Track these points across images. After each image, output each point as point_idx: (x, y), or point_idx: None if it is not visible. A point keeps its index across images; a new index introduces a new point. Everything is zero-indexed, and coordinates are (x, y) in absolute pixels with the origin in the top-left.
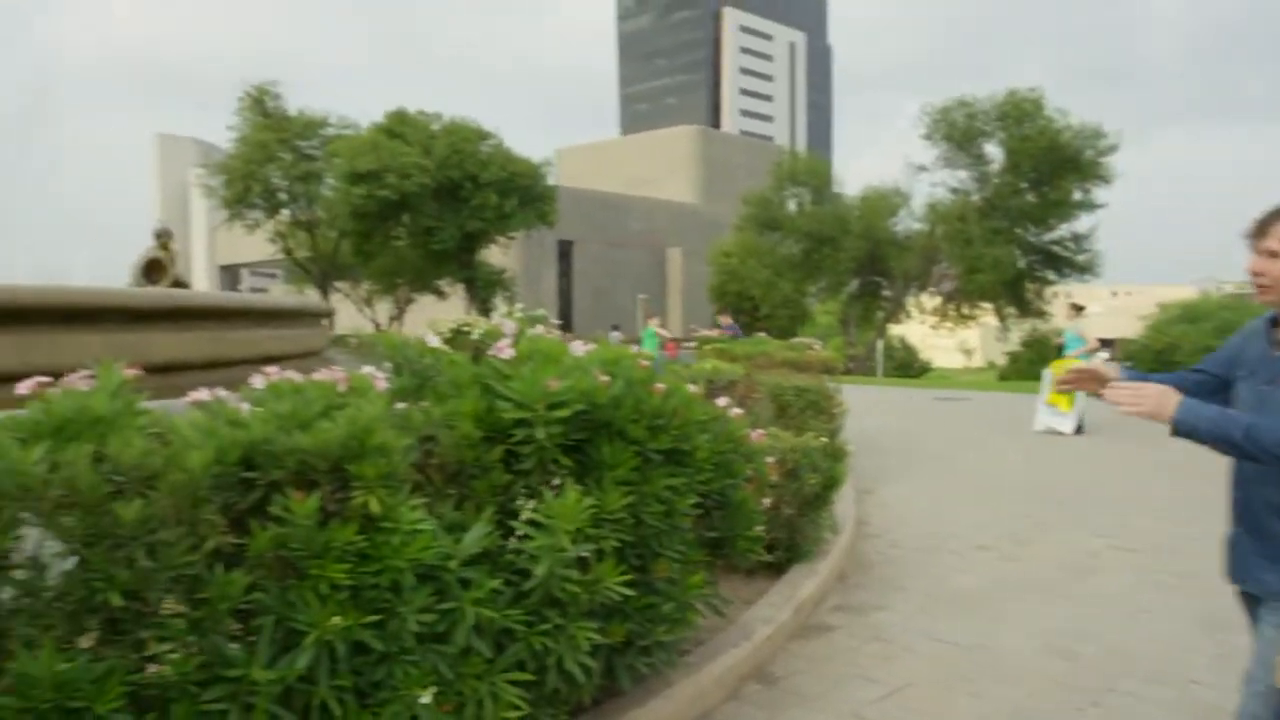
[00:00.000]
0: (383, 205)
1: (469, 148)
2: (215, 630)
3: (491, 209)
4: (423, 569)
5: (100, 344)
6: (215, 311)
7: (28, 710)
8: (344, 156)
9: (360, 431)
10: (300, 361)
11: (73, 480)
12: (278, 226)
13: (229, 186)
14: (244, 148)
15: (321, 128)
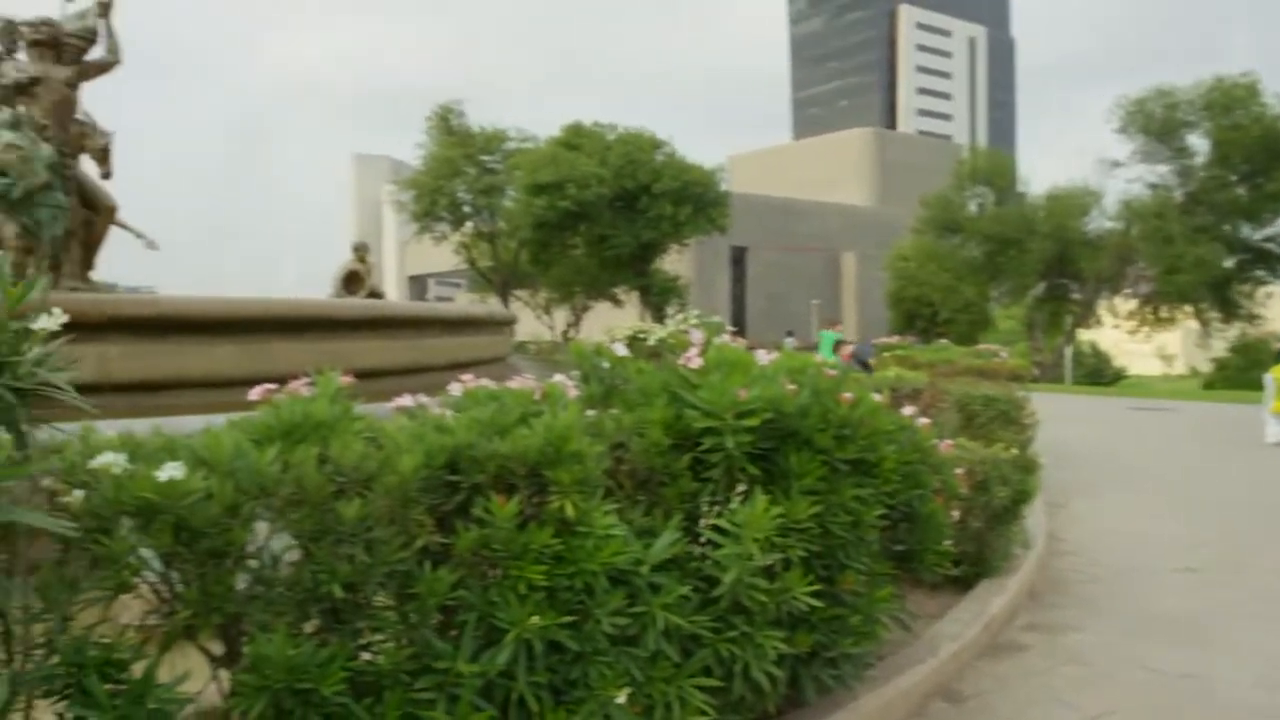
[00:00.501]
0: (562, 215)
1: (643, 157)
2: (424, 624)
3: (666, 217)
4: (615, 573)
5: (310, 352)
6: (411, 321)
7: (263, 688)
8: (525, 169)
9: (556, 438)
10: (487, 367)
11: (301, 480)
12: (462, 238)
13: (418, 201)
14: (432, 164)
15: (502, 142)
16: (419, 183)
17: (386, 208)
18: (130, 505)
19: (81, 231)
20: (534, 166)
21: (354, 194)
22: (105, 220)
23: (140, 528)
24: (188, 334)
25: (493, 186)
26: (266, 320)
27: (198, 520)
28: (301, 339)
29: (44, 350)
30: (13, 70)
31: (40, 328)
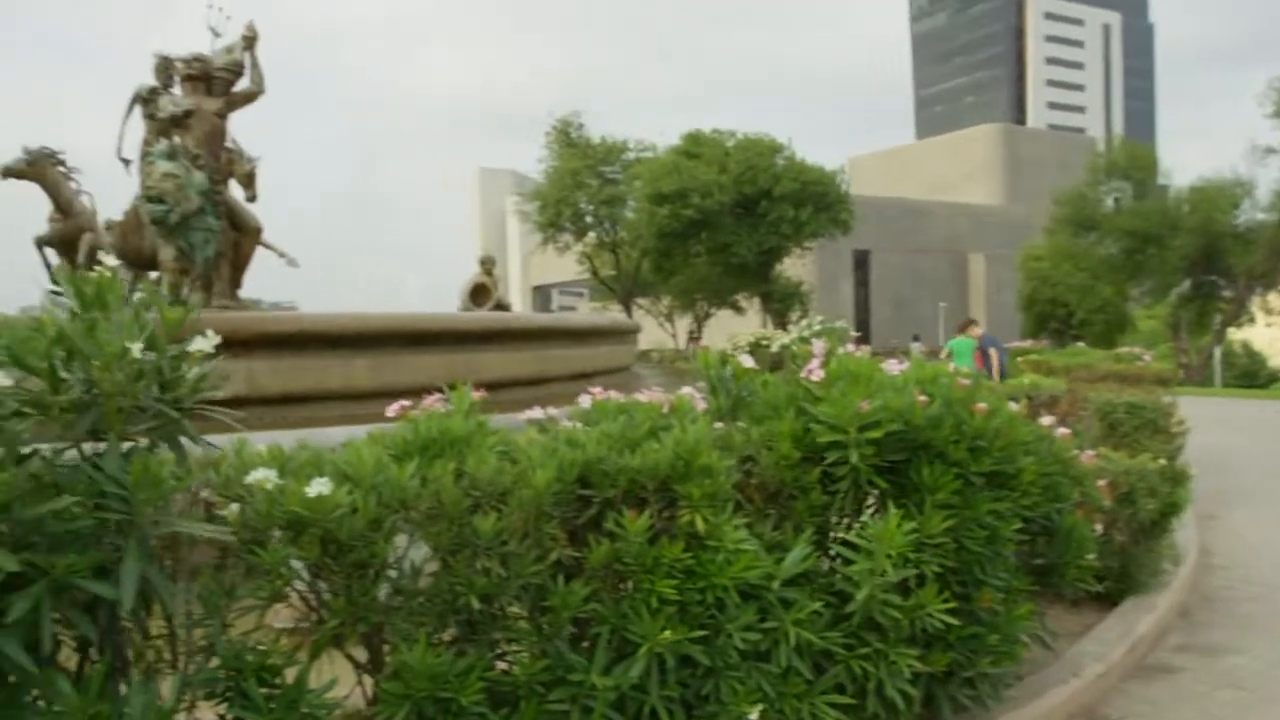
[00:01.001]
0: (685, 224)
1: (763, 162)
2: (558, 636)
3: (787, 220)
4: (746, 588)
5: (439, 364)
6: (537, 332)
7: (407, 696)
8: (646, 179)
9: (686, 452)
10: (611, 377)
11: (440, 494)
12: (584, 248)
13: (542, 213)
14: (554, 176)
15: (621, 153)
16: (543, 194)
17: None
18: (282, 518)
19: (230, 252)
20: (655, 176)
21: (479, 207)
22: (252, 241)
23: (291, 540)
24: (327, 349)
25: (614, 197)
26: (399, 334)
27: (344, 533)
28: (431, 352)
29: (201, 370)
30: (169, 104)
31: (197, 349)
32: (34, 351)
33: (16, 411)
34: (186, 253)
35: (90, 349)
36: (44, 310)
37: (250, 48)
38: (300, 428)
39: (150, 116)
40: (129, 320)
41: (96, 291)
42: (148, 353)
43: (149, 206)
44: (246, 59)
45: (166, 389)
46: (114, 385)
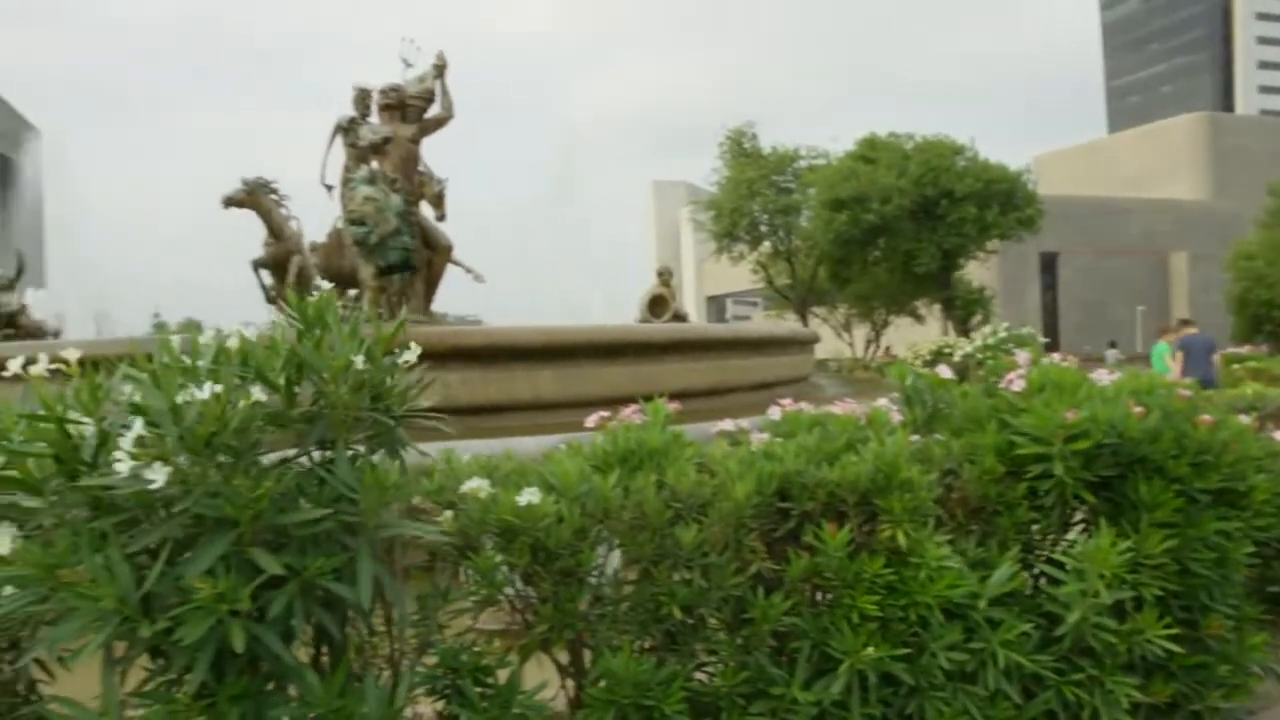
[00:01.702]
0: (863, 231)
1: (944, 164)
2: (758, 648)
3: (971, 222)
4: (950, 606)
5: (623, 375)
6: (716, 343)
7: (611, 702)
8: (822, 185)
9: (886, 466)
10: (790, 387)
11: (642, 505)
12: (759, 257)
13: (716, 223)
14: (728, 186)
15: (794, 161)
16: (717, 205)
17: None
18: (494, 526)
19: (424, 269)
20: (831, 182)
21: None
22: (443, 258)
23: (502, 547)
24: (515, 361)
25: (789, 206)
26: (584, 346)
27: (551, 541)
28: (615, 363)
29: (410, 380)
30: (368, 132)
31: (405, 360)
32: (272, 369)
33: (262, 426)
34: (385, 271)
35: (319, 364)
36: (273, 330)
37: (440, 76)
38: (489, 437)
39: (351, 145)
40: (348, 335)
41: (317, 311)
42: (366, 365)
43: (351, 228)
44: (437, 87)
45: (379, 399)
46: (340, 397)
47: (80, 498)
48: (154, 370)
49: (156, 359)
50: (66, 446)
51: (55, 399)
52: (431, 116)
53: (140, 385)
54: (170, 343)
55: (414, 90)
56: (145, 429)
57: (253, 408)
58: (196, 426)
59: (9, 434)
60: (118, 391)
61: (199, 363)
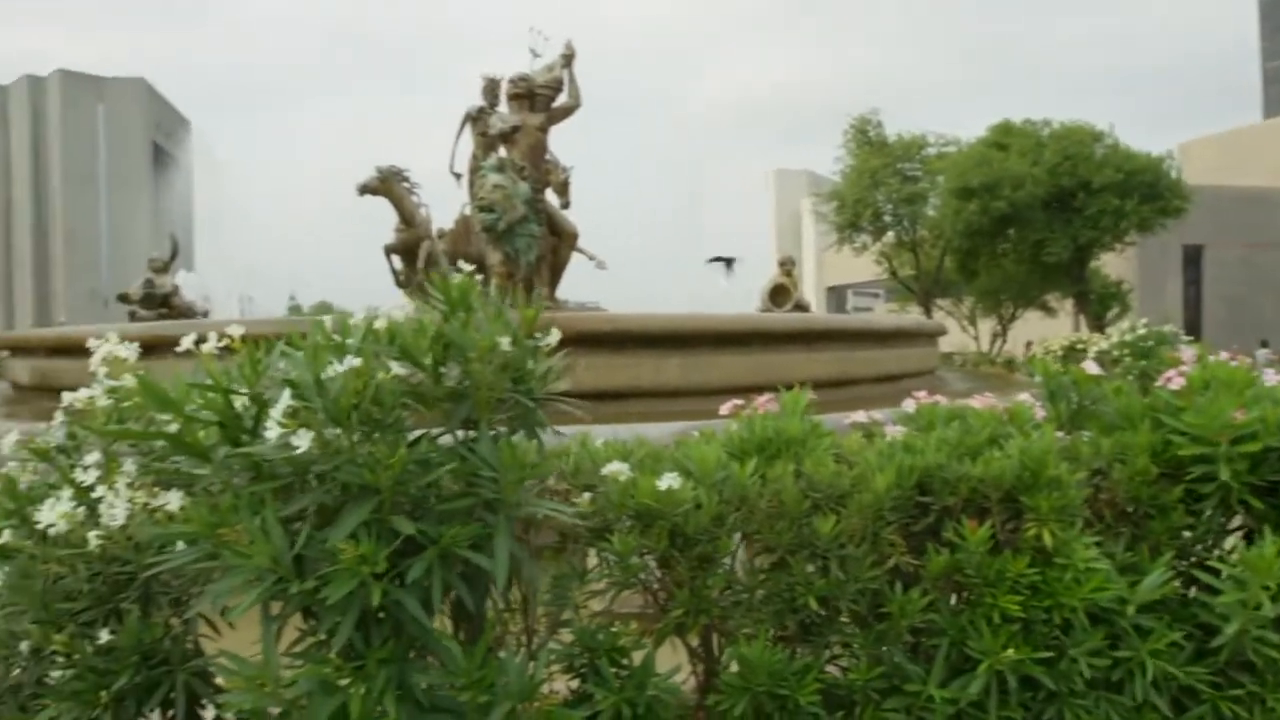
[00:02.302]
0: (993, 220)
1: (1082, 151)
2: (893, 644)
3: (1108, 212)
4: (1095, 610)
5: (747, 364)
6: (842, 334)
7: (745, 689)
8: (951, 173)
9: (1033, 462)
10: (915, 380)
11: (780, 494)
12: (883, 248)
13: (839, 213)
14: (852, 176)
15: (921, 149)
16: (840, 194)
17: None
18: (632, 509)
19: (550, 256)
20: (961, 170)
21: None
22: (569, 245)
23: (639, 531)
24: (641, 348)
25: (914, 195)
26: (709, 334)
27: (690, 527)
28: (739, 352)
29: (549, 364)
30: (498, 121)
31: (545, 344)
32: (419, 349)
33: (404, 402)
34: (512, 257)
35: (467, 344)
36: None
37: (568, 65)
38: (613, 423)
39: (482, 134)
40: (493, 318)
41: (461, 293)
42: (511, 347)
43: (480, 215)
44: (565, 76)
45: (519, 381)
46: (485, 377)
47: (242, 463)
48: (307, 347)
49: (310, 338)
50: (230, 416)
51: (221, 373)
52: (559, 105)
53: (292, 360)
54: (323, 322)
55: (542, 79)
56: (294, 400)
57: (392, 381)
58: (339, 397)
59: (182, 403)
60: (275, 367)
61: (348, 341)
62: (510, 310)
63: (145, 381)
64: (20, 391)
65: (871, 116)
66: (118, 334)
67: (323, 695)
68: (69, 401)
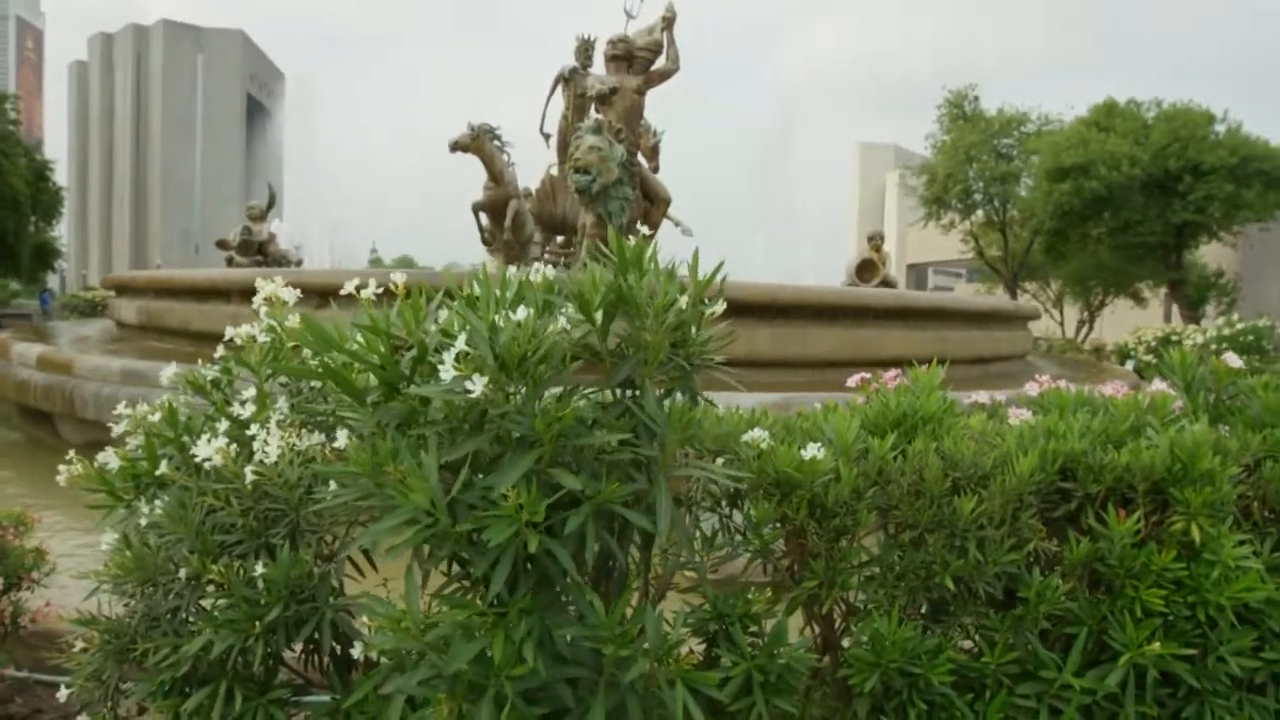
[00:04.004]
0: (1086, 202)
1: (1196, 133)
2: (1029, 629)
3: (1222, 198)
4: (1242, 609)
5: (840, 338)
6: (938, 312)
7: (876, 665)
8: (1047, 152)
9: (1185, 454)
10: (1008, 364)
11: (921, 471)
12: (971, 227)
13: (928, 188)
14: (946, 151)
15: (1021, 125)
16: (931, 169)
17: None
18: (771, 478)
19: (641, 220)
20: (1058, 149)
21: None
22: (661, 210)
23: (778, 499)
24: (733, 317)
25: (1008, 174)
26: (805, 306)
27: (829, 499)
28: (833, 325)
29: (710, 331)
30: (596, 82)
31: (710, 312)
32: (590, 304)
33: (573, 356)
34: (605, 219)
35: (643, 301)
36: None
37: (668, 28)
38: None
39: (578, 94)
40: (667, 279)
41: (636, 253)
42: (685, 308)
43: (575, 176)
44: (664, 39)
45: (679, 345)
46: (656, 337)
47: (399, 408)
48: (468, 296)
49: (467, 287)
50: (390, 360)
51: (381, 318)
52: (657, 69)
53: (456, 309)
54: (486, 272)
55: (641, 42)
56: (467, 344)
57: (561, 334)
58: (511, 346)
59: (343, 344)
60: (433, 316)
61: (508, 293)
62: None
63: (309, 320)
64: (125, 330)
65: (968, 90)
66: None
67: (464, 640)
68: (230, 336)
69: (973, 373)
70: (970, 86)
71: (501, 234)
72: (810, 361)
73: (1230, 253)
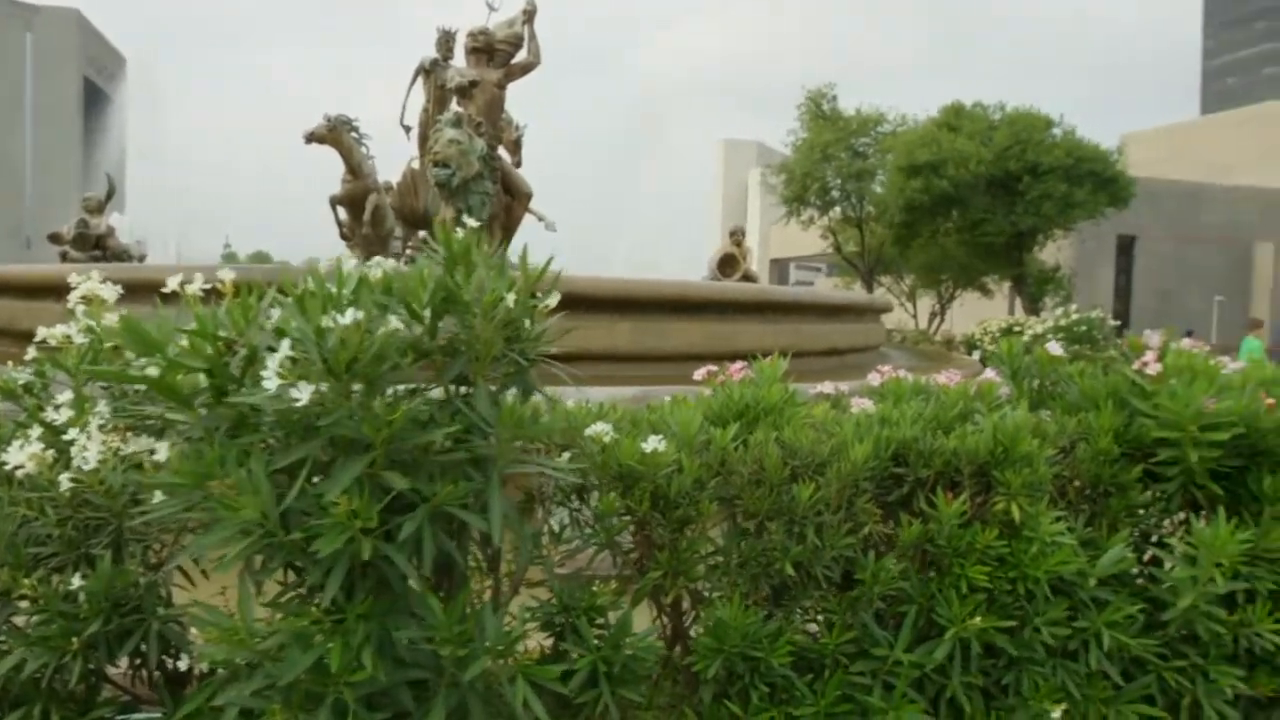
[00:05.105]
0: (935, 199)
1: (1035, 135)
2: (865, 610)
3: (1054, 198)
4: (1057, 582)
5: (699, 332)
6: (793, 306)
7: (719, 651)
8: (900, 151)
9: (1006, 438)
10: (861, 355)
11: (762, 460)
12: (829, 223)
13: (788, 186)
14: (804, 149)
15: (877, 124)
16: (790, 168)
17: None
18: (614, 470)
19: (502, 215)
20: (909, 148)
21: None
22: (523, 205)
23: (621, 492)
24: (593, 312)
25: (864, 171)
26: (663, 301)
27: (672, 490)
28: (692, 319)
29: (544, 325)
30: (456, 75)
31: (544, 305)
32: (419, 300)
33: (415, 356)
34: (465, 214)
35: (471, 298)
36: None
37: (530, 21)
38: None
39: (438, 86)
40: (495, 274)
41: (464, 247)
42: (515, 304)
43: (434, 170)
44: (526, 32)
45: (513, 340)
46: (486, 332)
47: (228, 414)
48: (300, 295)
49: (301, 286)
50: (218, 363)
51: (208, 318)
52: (519, 62)
53: (287, 309)
54: (317, 270)
55: (502, 35)
56: (292, 351)
57: (392, 335)
58: (338, 350)
59: (165, 347)
60: (265, 315)
61: (344, 291)
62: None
63: (129, 320)
64: None
65: (826, 90)
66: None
67: (299, 648)
68: (42, 337)
69: (828, 364)
70: (829, 86)
71: (361, 229)
72: (670, 355)
73: (1067, 249)
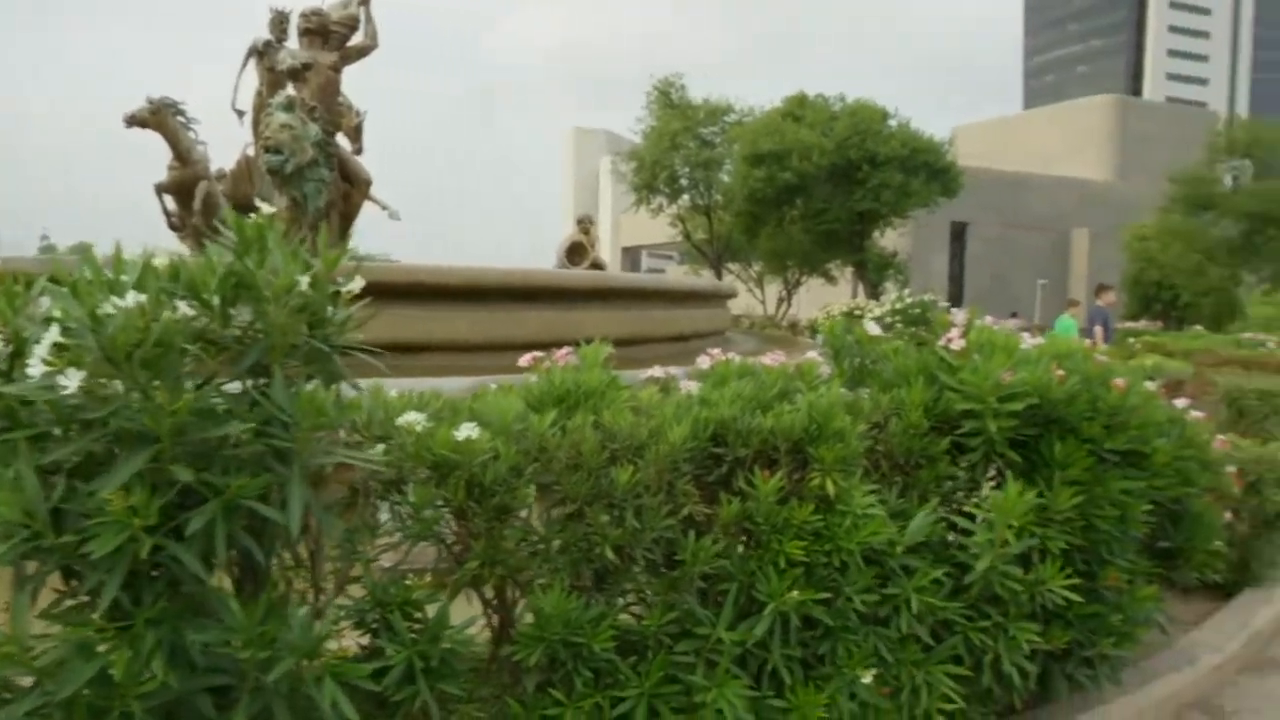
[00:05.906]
0: (779, 189)
1: (871, 127)
2: (686, 590)
3: (891, 187)
4: (869, 552)
5: (541, 320)
6: (637, 293)
7: (541, 639)
8: (745, 140)
9: (820, 416)
10: (706, 340)
11: (579, 445)
12: (678, 211)
13: (637, 174)
14: (652, 138)
15: (726, 114)
16: (639, 155)
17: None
18: (428, 460)
19: (340, 203)
20: (754, 137)
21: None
22: (362, 192)
23: (436, 482)
24: (434, 301)
25: (711, 160)
26: (503, 289)
27: (487, 478)
28: (534, 308)
29: (348, 313)
30: (288, 57)
31: (346, 291)
32: (206, 287)
33: (189, 345)
34: (299, 202)
35: (261, 283)
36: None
37: (366, 3)
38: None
39: (270, 69)
40: (289, 259)
41: (257, 231)
42: (310, 290)
43: (265, 156)
44: (362, 14)
45: (316, 327)
46: (280, 319)
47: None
48: (75, 282)
49: (79, 273)
50: None
51: None
52: (354, 44)
53: (60, 297)
54: (94, 257)
55: (337, 16)
56: (63, 337)
57: (177, 322)
58: (118, 335)
59: None
60: (36, 304)
61: (123, 277)
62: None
63: None
64: None
65: (675, 79)
66: None
67: (81, 660)
68: None
69: (674, 349)
70: (677, 75)
71: (191, 217)
72: (514, 344)
73: (905, 236)
